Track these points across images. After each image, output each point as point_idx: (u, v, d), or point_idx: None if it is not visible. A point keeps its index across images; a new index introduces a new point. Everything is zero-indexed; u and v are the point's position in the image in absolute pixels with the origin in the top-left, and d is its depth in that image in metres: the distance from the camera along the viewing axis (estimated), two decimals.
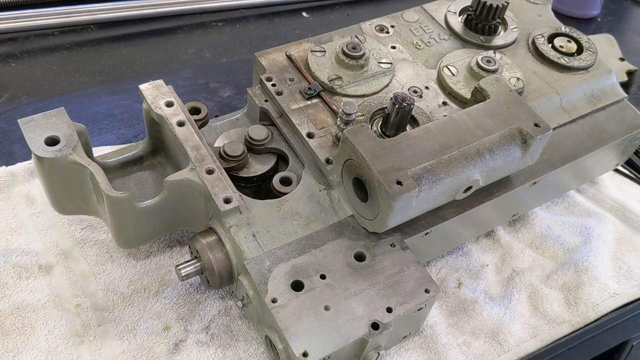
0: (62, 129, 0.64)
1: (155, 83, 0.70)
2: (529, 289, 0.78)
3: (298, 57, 0.77)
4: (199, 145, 0.66)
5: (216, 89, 1.03)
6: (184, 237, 0.77)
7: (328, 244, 0.64)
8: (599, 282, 0.79)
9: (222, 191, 0.63)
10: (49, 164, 0.62)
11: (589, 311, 0.76)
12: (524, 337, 0.73)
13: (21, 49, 1.05)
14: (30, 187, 0.79)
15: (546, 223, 0.86)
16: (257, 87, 0.76)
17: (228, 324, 0.70)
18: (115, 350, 0.66)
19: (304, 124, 0.71)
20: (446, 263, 0.79)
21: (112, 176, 0.71)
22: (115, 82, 1.02)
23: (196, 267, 0.65)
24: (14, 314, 0.68)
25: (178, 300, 0.71)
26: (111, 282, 0.72)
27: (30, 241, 0.74)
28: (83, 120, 0.78)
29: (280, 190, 0.68)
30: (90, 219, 0.76)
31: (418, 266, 0.63)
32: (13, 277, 0.71)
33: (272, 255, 0.62)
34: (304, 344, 0.56)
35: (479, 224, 0.77)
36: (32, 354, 0.65)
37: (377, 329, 0.58)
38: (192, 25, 1.16)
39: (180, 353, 0.67)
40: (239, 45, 1.14)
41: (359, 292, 0.60)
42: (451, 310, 0.75)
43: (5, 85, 0.98)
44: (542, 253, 0.83)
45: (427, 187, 0.59)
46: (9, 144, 0.87)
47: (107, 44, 1.09)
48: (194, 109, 0.71)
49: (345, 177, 0.64)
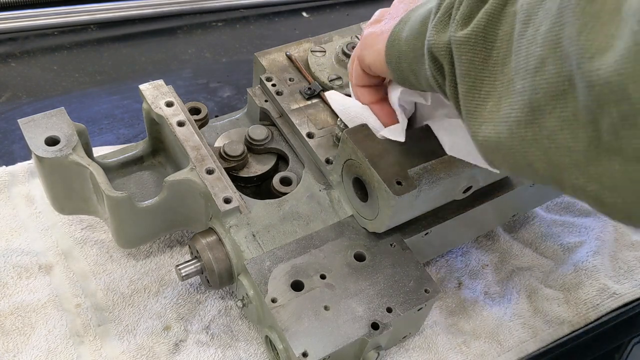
0: (62, 129, 0.64)
1: (155, 83, 0.70)
2: (528, 289, 0.78)
3: (298, 57, 0.77)
4: (199, 145, 0.66)
5: (216, 89, 1.03)
6: (184, 237, 0.77)
7: (328, 244, 0.64)
8: (599, 282, 0.79)
9: (222, 191, 0.63)
10: (49, 164, 0.62)
11: (589, 311, 0.76)
12: (524, 337, 0.73)
13: (21, 49, 1.05)
14: (30, 187, 0.79)
15: (546, 223, 0.86)
16: (257, 87, 0.76)
17: (228, 324, 0.70)
18: (116, 350, 0.66)
19: (304, 124, 0.71)
20: (446, 263, 0.79)
21: (112, 176, 0.71)
22: (115, 82, 1.02)
23: (196, 267, 0.65)
24: (14, 314, 0.68)
25: (178, 300, 0.71)
26: (111, 282, 0.72)
27: (30, 241, 0.74)
28: (83, 120, 0.77)
29: (280, 190, 0.68)
30: (90, 219, 0.76)
31: (418, 266, 0.63)
32: (13, 277, 0.71)
33: (272, 255, 0.62)
34: (304, 344, 0.56)
35: (479, 224, 0.77)
36: (32, 354, 0.65)
37: (377, 329, 0.58)
38: (192, 25, 1.16)
39: (180, 353, 0.67)
40: (239, 45, 1.14)
41: (359, 292, 0.60)
42: (451, 310, 0.75)
43: (5, 85, 0.98)
44: (542, 253, 0.83)
45: (427, 187, 0.59)
46: (9, 144, 0.87)
47: (107, 44, 1.09)
48: (194, 109, 0.71)
49: (345, 177, 0.64)
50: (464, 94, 0.43)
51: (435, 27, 0.46)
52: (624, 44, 0.30)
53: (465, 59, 0.43)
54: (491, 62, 0.41)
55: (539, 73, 0.36)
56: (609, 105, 0.31)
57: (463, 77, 0.43)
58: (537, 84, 0.36)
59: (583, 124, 0.34)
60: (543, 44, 0.36)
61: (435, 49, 0.46)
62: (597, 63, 0.32)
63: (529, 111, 0.37)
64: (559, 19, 0.35)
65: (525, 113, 0.37)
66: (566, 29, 0.34)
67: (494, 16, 0.41)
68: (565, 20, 0.34)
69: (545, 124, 0.36)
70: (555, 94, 0.35)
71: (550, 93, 0.35)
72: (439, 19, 0.46)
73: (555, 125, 0.36)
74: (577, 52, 0.33)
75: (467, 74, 0.43)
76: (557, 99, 0.35)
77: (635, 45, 0.30)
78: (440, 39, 0.45)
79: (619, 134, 0.32)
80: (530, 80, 0.37)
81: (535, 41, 0.37)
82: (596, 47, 0.32)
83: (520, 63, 0.38)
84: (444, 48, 0.45)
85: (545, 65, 0.36)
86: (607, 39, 0.32)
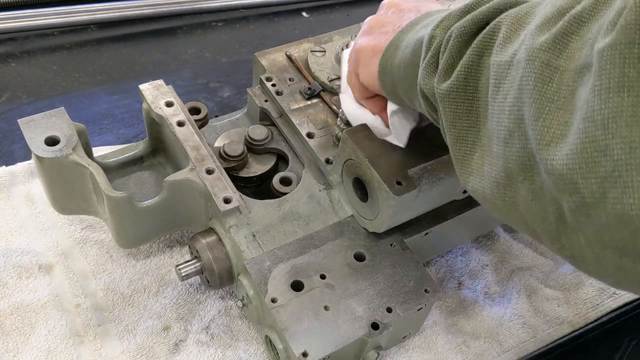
0: (62, 129, 0.64)
1: (155, 83, 0.70)
2: (528, 289, 0.78)
3: (298, 57, 0.77)
4: (199, 145, 0.66)
5: (216, 89, 1.03)
6: (184, 237, 0.77)
7: (328, 244, 0.64)
8: (599, 282, 0.79)
9: (222, 191, 0.63)
10: (49, 164, 0.62)
11: (588, 311, 0.76)
12: (524, 337, 0.73)
13: (21, 49, 1.05)
14: (30, 187, 0.79)
15: None
16: (257, 87, 0.76)
17: (228, 324, 0.70)
18: (116, 350, 0.66)
19: (304, 124, 0.71)
20: (446, 263, 0.79)
21: (112, 176, 0.71)
22: (115, 82, 1.02)
23: (196, 267, 0.65)
24: (14, 313, 0.68)
25: (178, 300, 0.71)
26: (111, 282, 0.72)
27: (30, 241, 0.74)
28: (83, 120, 0.77)
29: (280, 190, 0.68)
30: (90, 219, 0.76)
31: (418, 266, 0.63)
32: (13, 277, 0.71)
33: (272, 255, 0.62)
34: (303, 344, 0.56)
35: (479, 224, 0.77)
36: (32, 354, 0.65)
37: (377, 329, 0.58)
38: (192, 25, 1.16)
39: (180, 353, 0.67)
40: (239, 45, 1.14)
41: (359, 292, 0.60)
42: (451, 310, 0.75)
43: (5, 85, 0.98)
44: (542, 253, 0.83)
45: (427, 187, 0.59)
46: (9, 144, 0.87)
47: (107, 44, 1.09)
48: (194, 109, 0.71)
49: (345, 177, 0.64)
50: (452, 142, 0.44)
51: (425, 71, 0.46)
52: (572, 138, 0.31)
53: (449, 110, 0.43)
54: (474, 113, 0.42)
55: (508, 144, 0.37)
56: (565, 194, 0.32)
57: (449, 127, 0.44)
58: (508, 154, 0.37)
59: (549, 201, 0.35)
60: (509, 116, 0.37)
61: (427, 92, 0.46)
62: (552, 152, 0.32)
63: (505, 176, 0.38)
64: (520, 95, 0.35)
65: (502, 177, 0.38)
66: (525, 109, 0.35)
67: (472, 68, 0.41)
68: (524, 99, 0.35)
69: (520, 191, 0.37)
70: (523, 167, 0.36)
71: (519, 165, 0.36)
72: (427, 62, 0.45)
73: (527, 195, 0.36)
74: (535, 137, 0.34)
75: (453, 124, 0.43)
76: (525, 172, 0.36)
77: (582, 143, 0.30)
78: (430, 84, 0.45)
79: (578, 219, 0.32)
80: (502, 148, 0.38)
81: (503, 111, 0.37)
82: (552, 135, 0.33)
83: (494, 128, 0.39)
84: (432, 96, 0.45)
85: (512, 138, 0.36)
86: (561, 127, 0.32)
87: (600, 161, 0.30)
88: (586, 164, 0.30)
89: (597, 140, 0.30)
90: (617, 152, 0.29)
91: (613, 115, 0.29)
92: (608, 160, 0.29)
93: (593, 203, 0.31)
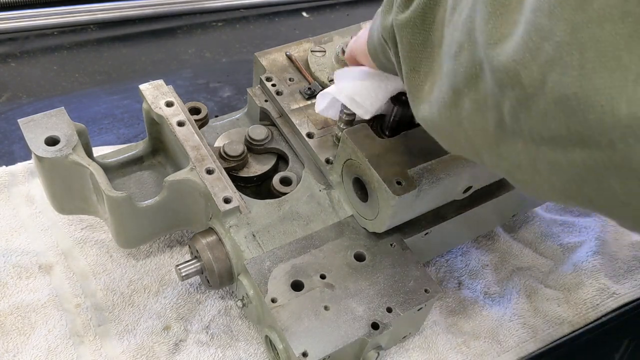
0: (62, 129, 0.64)
1: (155, 83, 0.70)
2: (528, 289, 0.78)
3: (298, 57, 0.77)
4: (199, 145, 0.66)
5: (216, 89, 1.03)
6: (184, 237, 0.77)
7: (328, 244, 0.64)
8: (599, 282, 0.79)
9: (222, 191, 0.63)
10: (49, 164, 0.62)
11: (588, 311, 0.76)
12: (523, 337, 0.73)
13: (21, 49, 1.05)
14: (30, 187, 0.79)
15: (546, 223, 0.86)
16: (257, 87, 0.76)
17: (228, 324, 0.70)
18: (116, 350, 0.66)
19: (304, 124, 0.71)
20: (446, 263, 0.80)
21: (112, 176, 0.71)
22: (115, 82, 1.02)
23: (196, 267, 0.65)
24: (14, 313, 0.68)
25: (178, 300, 0.71)
26: (111, 282, 0.72)
27: (30, 241, 0.74)
28: (83, 120, 0.77)
29: (280, 190, 0.68)
30: (90, 219, 0.76)
31: (418, 266, 0.63)
32: (13, 277, 0.71)
33: (272, 255, 0.62)
34: (304, 344, 0.56)
35: (479, 224, 0.77)
36: (32, 354, 0.65)
37: (377, 329, 0.58)
38: (192, 25, 1.16)
39: (180, 353, 0.67)
40: (239, 45, 1.14)
41: (359, 292, 0.60)
42: (451, 310, 0.75)
43: (5, 85, 0.98)
44: (541, 253, 0.83)
45: (427, 187, 0.59)
46: (9, 144, 0.87)
47: (107, 44, 1.09)
48: (194, 109, 0.71)
49: (345, 177, 0.64)
50: (406, 74, 0.45)
51: (382, 12, 0.48)
52: (519, 31, 0.32)
53: (405, 41, 0.45)
54: (429, 45, 0.43)
55: (457, 57, 0.38)
56: (507, 89, 0.33)
57: (404, 59, 0.45)
58: (456, 68, 0.38)
59: (490, 107, 0.35)
60: (462, 29, 0.38)
61: (384, 32, 0.47)
62: (498, 49, 0.33)
63: (452, 94, 0.39)
64: (474, 5, 0.36)
65: (449, 95, 0.39)
66: (477, 17, 0.36)
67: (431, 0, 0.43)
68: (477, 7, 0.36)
69: (464, 106, 0.38)
70: (469, 78, 0.37)
71: (466, 77, 0.37)
72: (384, 4, 0.47)
73: (471, 108, 0.37)
74: (483, 39, 0.34)
75: (408, 55, 0.45)
76: (471, 83, 0.37)
77: (527, 33, 0.31)
78: (386, 23, 0.47)
79: (517, 116, 0.33)
80: (452, 64, 0.39)
81: (457, 27, 0.38)
82: (500, 34, 0.33)
83: (446, 47, 0.40)
84: (389, 31, 0.46)
85: (462, 50, 0.37)
86: (510, 26, 0.33)
87: (543, 46, 0.30)
88: (530, 52, 0.31)
89: (542, 28, 0.30)
90: (560, 34, 0.29)
91: (560, 1, 0.29)
92: (550, 44, 0.29)
93: (532, 93, 0.31)
